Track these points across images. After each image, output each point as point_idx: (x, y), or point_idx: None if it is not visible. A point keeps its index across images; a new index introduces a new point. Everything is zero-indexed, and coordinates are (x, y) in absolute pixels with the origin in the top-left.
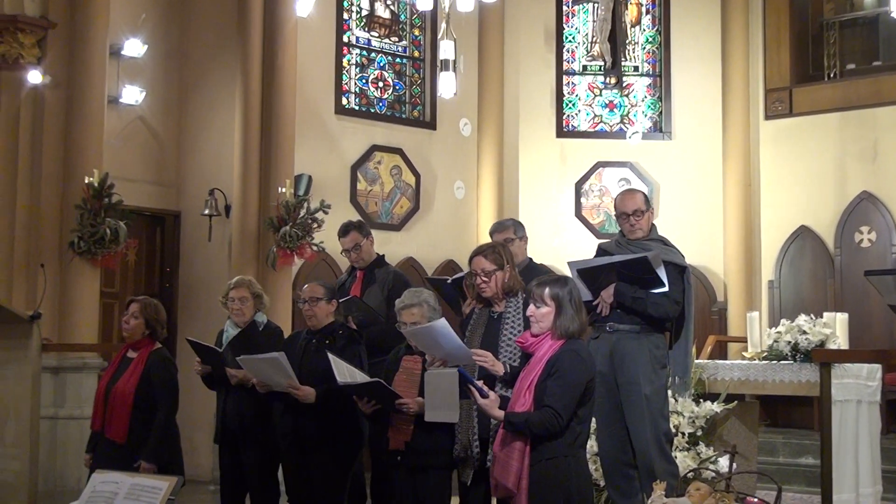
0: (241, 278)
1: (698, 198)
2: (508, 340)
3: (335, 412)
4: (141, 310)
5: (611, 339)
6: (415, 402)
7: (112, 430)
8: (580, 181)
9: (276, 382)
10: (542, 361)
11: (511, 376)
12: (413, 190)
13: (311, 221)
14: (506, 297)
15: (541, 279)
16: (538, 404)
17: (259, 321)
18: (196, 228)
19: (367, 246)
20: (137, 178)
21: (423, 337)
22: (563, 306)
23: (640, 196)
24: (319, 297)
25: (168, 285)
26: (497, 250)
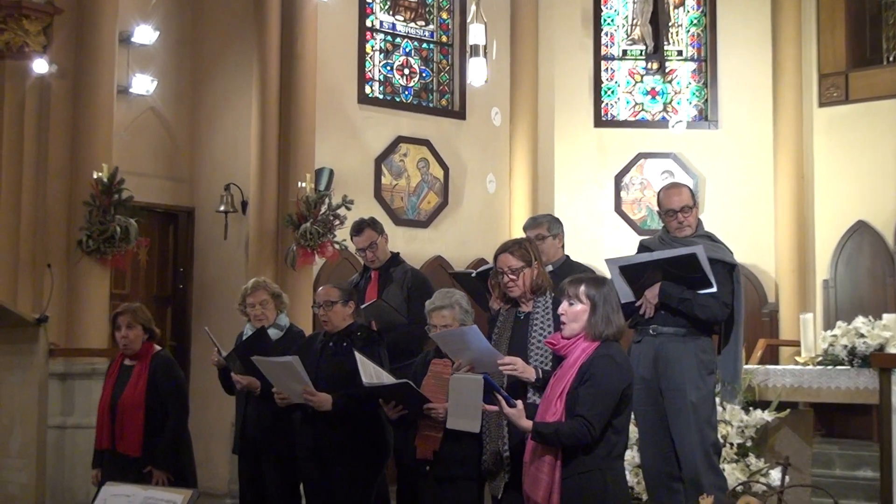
0: (255, 281)
1: (747, 191)
2: (538, 342)
3: (357, 422)
4: (133, 318)
5: (654, 342)
6: (444, 407)
7: (125, 443)
8: (620, 174)
9: (292, 390)
10: (574, 367)
11: (544, 382)
12: (441, 184)
13: (332, 218)
14: (534, 296)
15: (576, 276)
16: (570, 413)
17: (282, 324)
18: (211, 226)
19: (382, 244)
20: (149, 173)
21: (451, 341)
22: (598, 306)
23: (687, 191)
24: (334, 300)
25: (181, 286)
26: (524, 246)
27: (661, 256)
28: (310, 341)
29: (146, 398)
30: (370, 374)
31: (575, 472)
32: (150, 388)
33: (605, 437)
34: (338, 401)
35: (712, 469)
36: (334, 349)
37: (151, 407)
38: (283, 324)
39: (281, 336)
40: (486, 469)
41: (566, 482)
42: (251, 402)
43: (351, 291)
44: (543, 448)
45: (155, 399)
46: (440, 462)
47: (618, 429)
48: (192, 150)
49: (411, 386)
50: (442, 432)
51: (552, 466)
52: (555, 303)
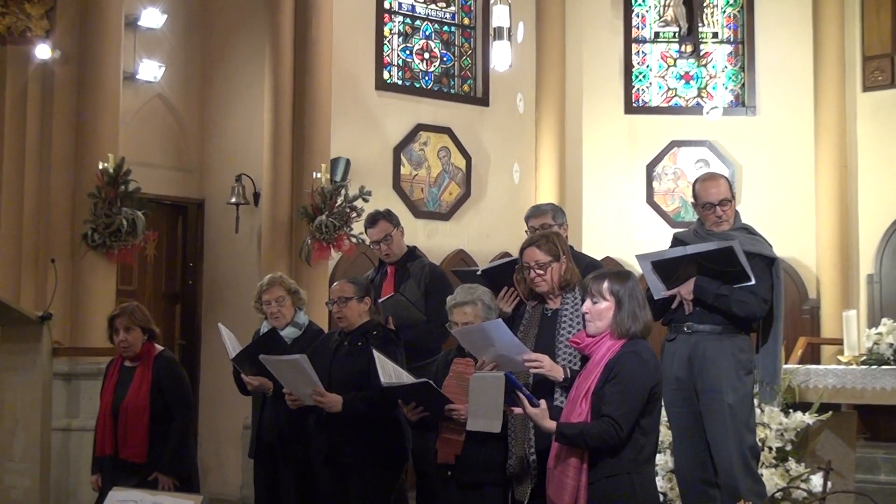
0: (271, 277)
1: (787, 181)
2: (567, 340)
3: (373, 425)
4: (130, 320)
5: (689, 340)
6: (466, 408)
7: (129, 450)
8: (652, 163)
9: (302, 391)
10: (599, 365)
11: (573, 382)
12: (463, 174)
13: (349, 210)
14: (562, 291)
15: (599, 272)
16: (595, 414)
17: (300, 322)
18: (222, 218)
19: (397, 237)
20: (157, 163)
21: (474, 337)
22: (623, 302)
23: (725, 182)
24: (349, 296)
25: (191, 282)
26: (552, 240)
27: (696, 251)
28: (325, 340)
29: (151, 402)
30: (389, 374)
31: (602, 475)
32: (154, 391)
33: (632, 438)
34: (348, 402)
35: (750, 475)
36: (349, 348)
37: (156, 411)
38: (301, 322)
39: (299, 335)
40: (512, 474)
41: (592, 487)
42: (267, 404)
43: (367, 287)
44: (568, 451)
45: (159, 402)
46: (463, 467)
47: (646, 430)
48: (201, 139)
49: (432, 386)
50: (464, 435)
51: (578, 470)
52: (584, 298)
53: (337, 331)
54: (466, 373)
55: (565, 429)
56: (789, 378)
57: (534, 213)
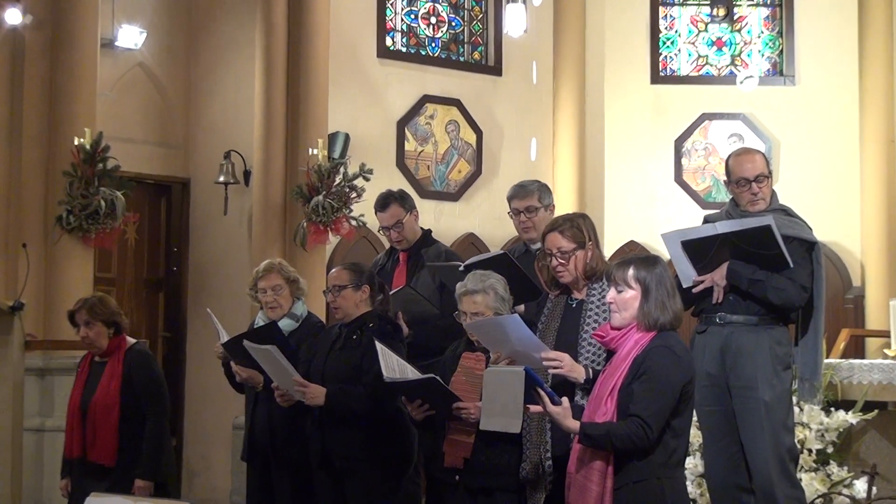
0: (269, 263)
1: (829, 157)
2: (591, 337)
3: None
4: (90, 314)
5: (722, 332)
6: (476, 407)
7: (97, 451)
8: (680, 138)
9: (288, 384)
10: (626, 360)
11: (593, 383)
12: (474, 150)
13: (348, 190)
14: (588, 282)
15: (625, 258)
16: (622, 413)
17: (297, 313)
18: (209, 199)
19: (410, 222)
20: (138, 139)
21: (488, 331)
22: (650, 290)
23: (761, 157)
24: (344, 283)
25: (175, 268)
26: (577, 224)
27: (729, 230)
28: (325, 334)
29: (121, 399)
30: (392, 368)
31: (629, 481)
32: (125, 388)
33: (662, 440)
34: (332, 395)
35: (788, 479)
36: (344, 342)
37: (127, 409)
38: (298, 313)
39: (296, 328)
40: (525, 479)
41: (619, 493)
42: (260, 402)
43: (366, 273)
44: (592, 453)
45: (130, 400)
46: (472, 471)
47: (677, 431)
48: (186, 113)
49: (438, 382)
50: (474, 436)
51: (602, 475)
52: None
53: (338, 323)
54: (476, 368)
55: (590, 429)
56: (831, 373)
57: (517, 192)
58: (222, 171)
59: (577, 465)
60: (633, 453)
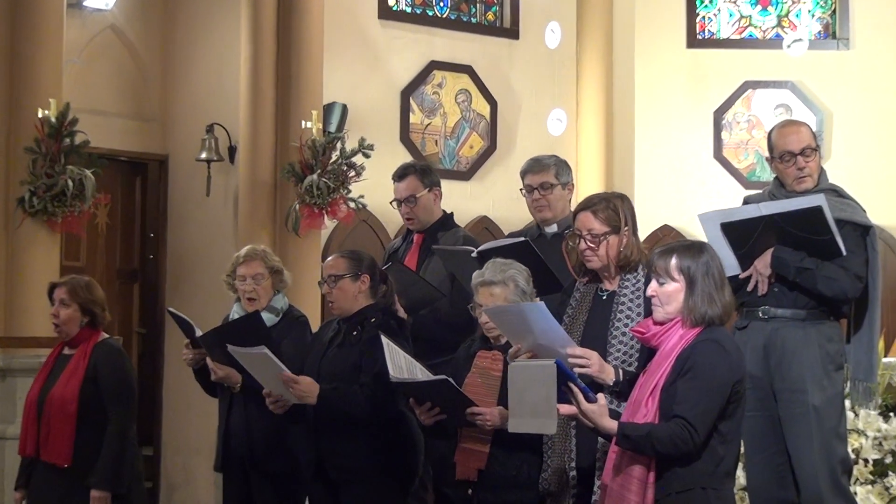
0: (252, 249)
1: (886, 131)
2: (622, 333)
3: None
4: (70, 294)
5: (765, 328)
6: (494, 412)
7: (50, 451)
8: (720, 109)
9: (282, 388)
10: (670, 357)
11: (627, 386)
12: (487, 123)
13: (346, 168)
14: (620, 271)
15: (667, 246)
16: (665, 415)
17: (277, 306)
18: (190, 179)
19: (426, 200)
20: (109, 111)
21: (509, 321)
22: (696, 281)
23: (807, 129)
24: (341, 273)
25: (152, 257)
26: (613, 206)
27: (775, 211)
28: (322, 330)
29: (81, 395)
30: (400, 367)
31: (672, 490)
32: (87, 383)
33: (709, 446)
34: (324, 393)
35: (840, 493)
36: (343, 339)
37: (88, 407)
38: (278, 306)
39: (276, 322)
40: (546, 491)
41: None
42: (235, 405)
43: (365, 261)
44: (631, 459)
45: (93, 398)
46: (487, 484)
47: (726, 437)
48: (164, 82)
49: (451, 384)
50: (489, 445)
51: (642, 483)
52: (647, 281)
53: (335, 318)
54: (493, 369)
55: (629, 429)
56: (889, 375)
57: (531, 166)
58: (204, 147)
59: (613, 472)
60: (675, 460)
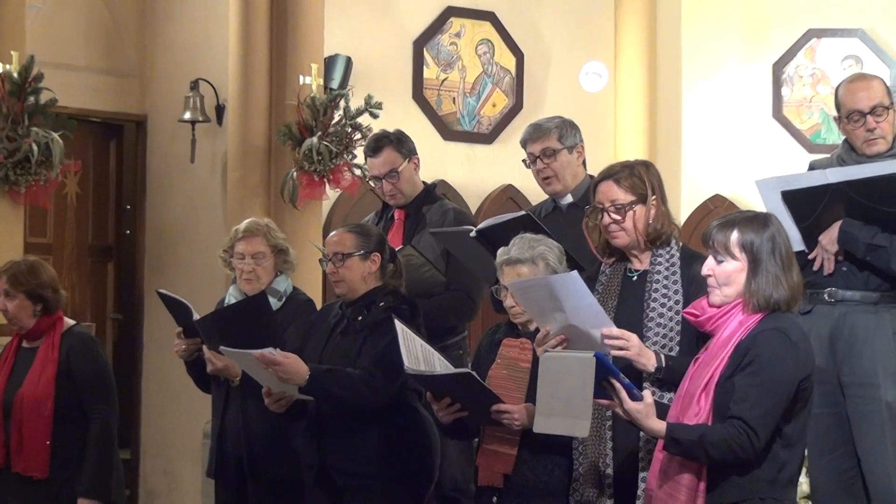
0: (254, 223)
1: None
2: (659, 315)
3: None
4: (12, 283)
5: (832, 313)
6: (523, 410)
7: (25, 460)
8: (781, 61)
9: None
10: (727, 347)
11: (670, 374)
12: (512, 78)
13: (351, 130)
14: (651, 246)
15: (727, 217)
16: (720, 414)
17: (280, 289)
18: (171, 143)
19: (408, 172)
20: (79, 65)
21: (536, 296)
22: (760, 259)
23: (879, 83)
24: (348, 251)
25: (128, 232)
26: (637, 172)
27: (844, 178)
28: (322, 315)
29: (56, 395)
30: (415, 356)
31: (725, 501)
32: (61, 380)
33: (770, 451)
34: (315, 374)
35: None
36: (347, 325)
37: (64, 407)
38: (281, 289)
39: (279, 307)
40: (579, 497)
41: None
42: (232, 401)
43: (375, 237)
44: (680, 465)
45: (69, 396)
46: (514, 490)
47: (789, 440)
48: (142, 32)
49: (474, 379)
50: (517, 448)
51: (692, 492)
52: (684, 256)
53: (338, 301)
54: (521, 360)
55: (679, 432)
56: None
57: (530, 133)
58: (188, 107)
59: (659, 478)
60: (731, 466)
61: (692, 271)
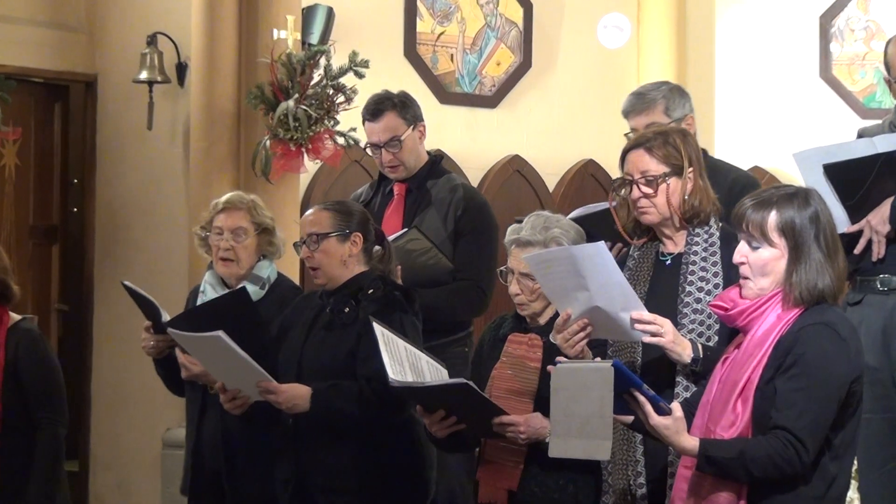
0: (238, 195)
1: None
2: (696, 300)
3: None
4: None
5: (885, 304)
6: (530, 420)
7: None
8: (828, 13)
9: (245, 385)
10: (764, 345)
11: (707, 365)
12: (519, 32)
13: (333, 92)
14: (687, 225)
15: (761, 194)
16: (759, 423)
17: (262, 275)
18: (125, 107)
19: (412, 141)
20: (20, 18)
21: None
22: (802, 243)
23: None
24: (325, 231)
25: (76, 210)
26: (672, 141)
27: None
28: (301, 306)
29: (3, 400)
30: (400, 362)
31: None
32: (7, 383)
33: (819, 464)
34: (320, 396)
35: None
36: (329, 319)
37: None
38: (264, 276)
39: (261, 297)
40: None
41: None
42: (210, 408)
43: (356, 215)
44: (715, 483)
45: (14, 400)
46: None
47: (838, 451)
48: None
49: (472, 390)
50: (523, 461)
51: None
52: (724, 237)
53: (319, 290)
54: (529, 357)
55: (714, 449)
56: None
57: (635, 104)
58: (145, 65)
59: (690, 497)
60: (775, 483)
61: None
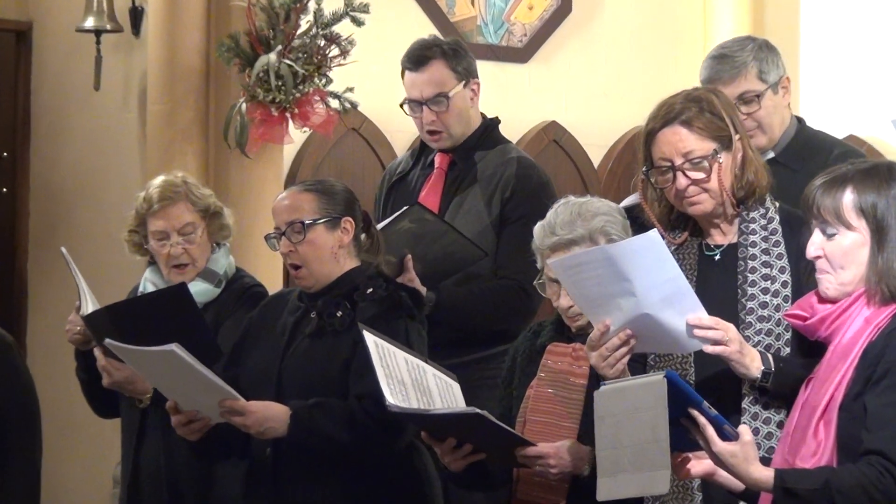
0: (166, 183)
1: None
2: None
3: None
4: None
5: None
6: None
7: None
8: None
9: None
10: (850, 356)
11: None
12: None
13: (324, 44)
14: (738, 210)
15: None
16: (846, 448)
17: (217, 271)
18: (66, 61)
19: (461, 100)
20: None
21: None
22: (889, 227)
23: None
24: (308, 218)
25: (4, 189)
26: (712, 107)
27: None
28: (273, 308)
29: None
30: (400, 383)
31: None
32: None
33: None
34: (301, 417)
35: None
36: (316, 325)
37: None
38: (220, 271)
39: (216, 296)
40: None
41: None
42: (150, 431)
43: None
44: None
45: None
46: None
47: None
48: None
49: (485, 419)
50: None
51: None
52: (788, 220)
53: (295, 289)
54: (573, 373)
55: (793, 480)
56: None
57: (721, 69)
58: (91, 10)
59: None
60: None
61: (803, 239)
